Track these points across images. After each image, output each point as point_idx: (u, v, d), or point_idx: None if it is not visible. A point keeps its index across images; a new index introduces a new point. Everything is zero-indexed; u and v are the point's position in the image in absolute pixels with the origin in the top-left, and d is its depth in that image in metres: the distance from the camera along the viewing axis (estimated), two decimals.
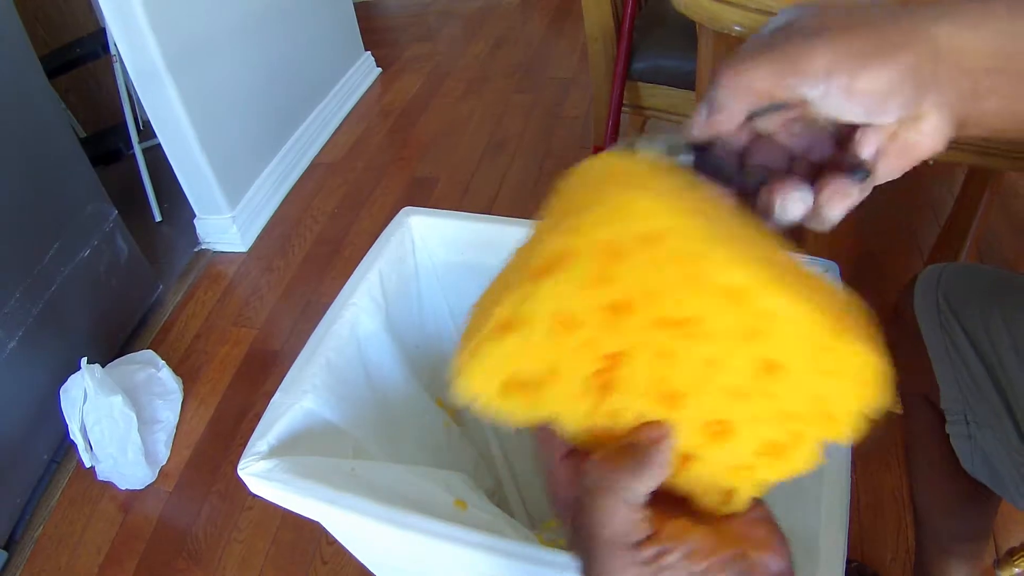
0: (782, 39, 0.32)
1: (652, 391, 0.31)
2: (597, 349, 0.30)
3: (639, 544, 0.30)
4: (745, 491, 0.34)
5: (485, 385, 0.31)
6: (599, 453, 0.33)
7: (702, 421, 0.32)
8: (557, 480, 0.35)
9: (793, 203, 0.33)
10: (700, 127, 0.34)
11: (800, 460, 0.33)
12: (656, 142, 0.34)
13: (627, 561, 0.30)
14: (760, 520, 0.35)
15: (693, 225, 0.28)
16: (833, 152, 0.35)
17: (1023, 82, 0.33)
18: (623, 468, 0.31)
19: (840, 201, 0.33)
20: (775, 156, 0.36)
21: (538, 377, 0.31)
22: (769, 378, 0.31)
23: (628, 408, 0.32)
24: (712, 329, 0.29)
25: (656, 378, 0.31)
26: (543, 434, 0.35)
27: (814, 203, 0.33)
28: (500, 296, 0.30)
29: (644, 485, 0.31)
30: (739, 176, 0.34)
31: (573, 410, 0.32)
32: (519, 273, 0.30)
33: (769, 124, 0.36)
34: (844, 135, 0.34)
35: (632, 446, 0.32)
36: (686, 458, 0.33)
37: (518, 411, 0.32)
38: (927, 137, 0.34)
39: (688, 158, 0.33)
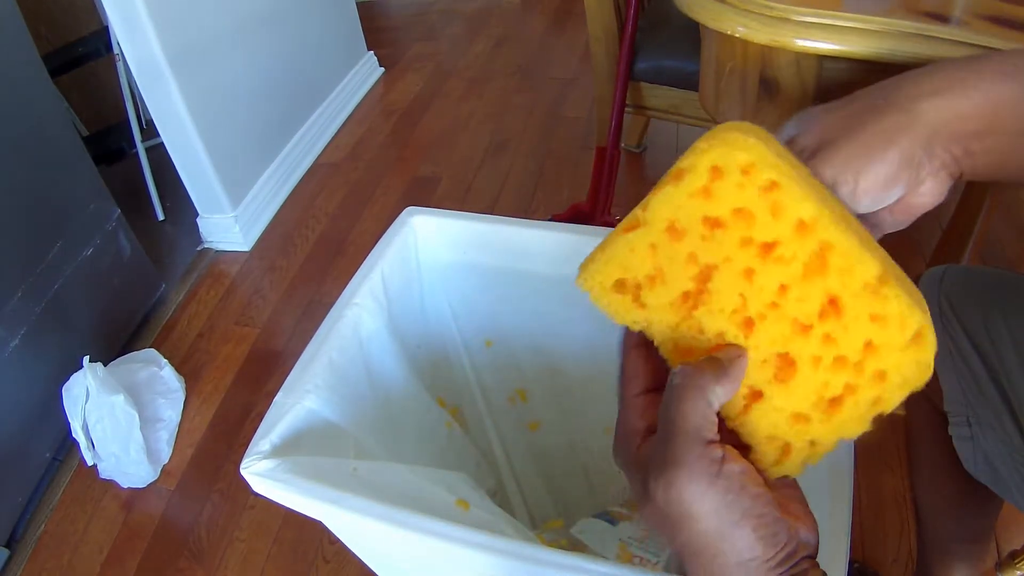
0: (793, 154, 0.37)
1: (732, 311, 0.36)
2: (695, 259, 0.36)
3: (710, 442, 0.33)
4: (799, 451, 0.36)
5: (602, 278, 0.37)
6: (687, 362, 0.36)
7: (770, 352, 0.36)
8: (633, 409, 0.37)
9: None
10: None
11: (851, 422, 0.36)
12: None
13: (698, 453, 0.32)
14: (797, 499, 0.37)
15: (781, 167, 0.34)
16: None
17: (1011, 138, 0.37)
18: (708, 371, 0.34)
19: None
20: None
21: (645, 277, 0.36)
22: (829, 316, 0.35)
23: (711, 325, 0.36)
24: (786, 254, 0.34)
25: (737, 297, 0.36)
26: (628, 369, 0.39)
27: None
28: (635, 209, 0.37)
29: (724, 389, 0.34)
30: None
31: (665, 319, 0.37)
32: (653, 191, 0.36)
33: None
34: None
35: (715, 358, 0.35)
36: (753, 395, 0.37)
37: (621, 309, 0.37)
38: (927, 197, 0.39)
39: None
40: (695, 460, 0.32)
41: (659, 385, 0.38)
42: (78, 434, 1.28)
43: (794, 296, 0.35)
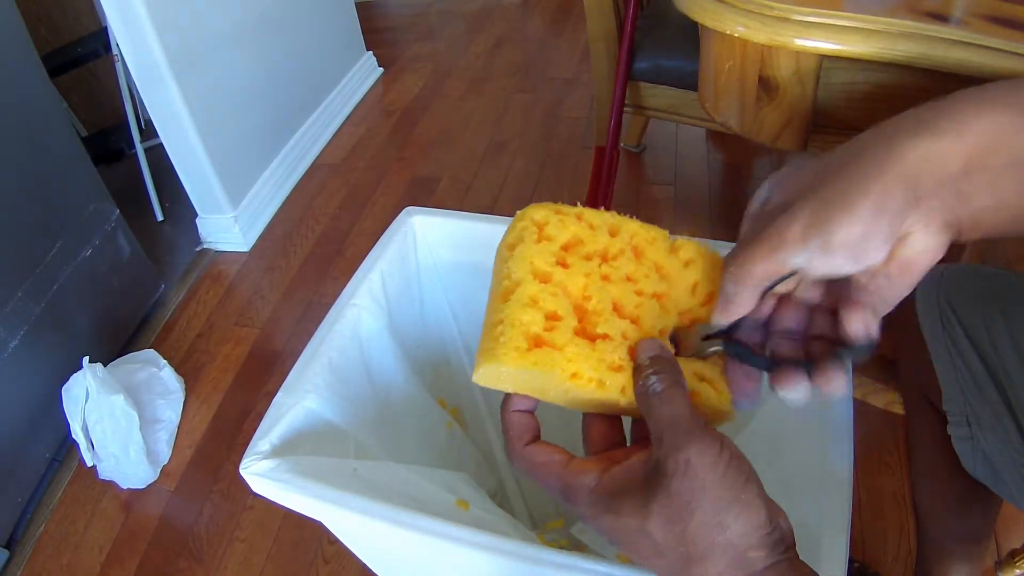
0: (764, 222, 0.36)
1: (616, 312, 0.42)
2: (566, 289, 0.41)
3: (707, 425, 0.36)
4: (705, 394, 0.42)
5: (515, 343, 0.39)
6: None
7: (658, 331, 0.42)
8: (578, 473, 0.39)
9: (795, 393, 0.38)
10: (720, 316, 0.39)
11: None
12: (695, 335, 0.43)
13: (704, 431, 0.35)
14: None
15: (576, 207, 0.45)
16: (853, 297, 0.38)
17: (1009, 175, 0.33)
18: (671, 369, 0.39)
19: (834, 384, 0.37)
20: (797, 315, 0.41)
21: (544, 326, 0.40)
22: (651, 274, 0.44)
23: (614, 331, 0.41)
24: (615, 253, 0.43)
25: (610, 300, 0.42)
26: (541, 455, 0.41)
27: (815, 388, 0.38)
28: (495, 288, 0.43)
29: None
30: (761, 359, 0.40)
31: (580, 349, 0.40)
32: (499, 271, 0.43)
33: (785, 287, 0.40)
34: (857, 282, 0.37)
35: (657, 357, 0.39)
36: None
37: (548, 358, 0.39)
38: (922, 253, 0.35)
39: (716, 348, 0.41)
40: (704, 434, 0.35)
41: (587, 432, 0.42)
42: (78, 435, 1.28)
43: (641, 276, 0.43)
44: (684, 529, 0.34)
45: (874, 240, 0.33)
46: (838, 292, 0.39)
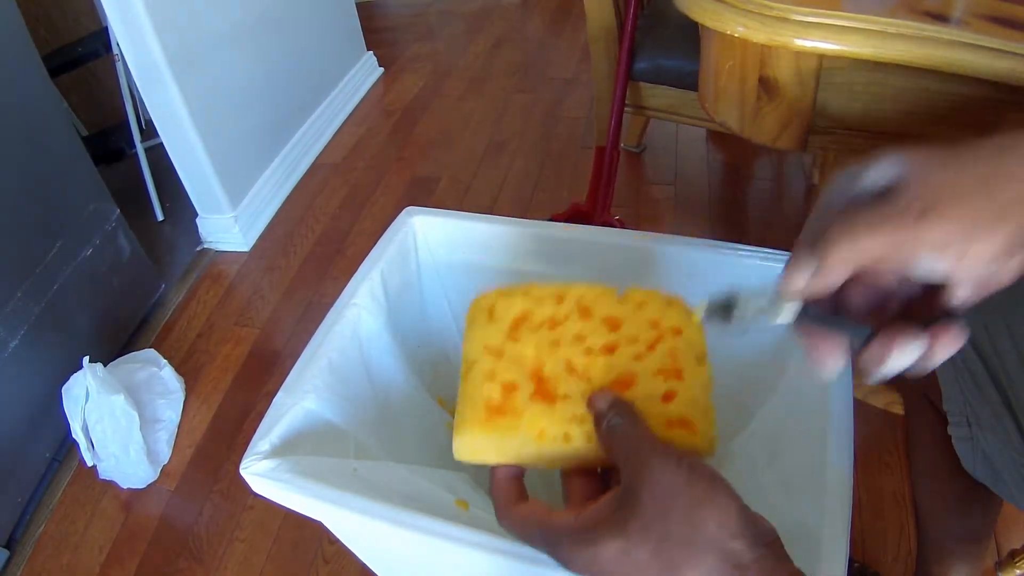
0: (895, 210, 0.34)
1: (570, 373, 0.45)
2: (519, 360, 0.45)
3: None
4: (679, 438, 0.42)
5: (476, 418, 0.43)
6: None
7: (610, 381, 0.44)
8: (560, 521, 0.40)
9: (908, 354, 0.37)
10: (803, 284, 0.37)
11: (695, 372, 0.44)
12: (757, 298, 0.41)
13: (665, 449, 0.37)
14: None
15: (527, 284, 0.49)
16: (921, 288, 0.38)
17: None
18: (627, 404, 0.42)
19: (949, 347, 0.37)
20: (868, 296, 0.40)
21: (501, 397, 0.43)
22: (616, 329, 0.46)
23: (572, 391, 0.44)
24: (561, 319, 0.47)
25: (564, 363, 0.45)
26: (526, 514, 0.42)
27: (927, 352, 0.37)
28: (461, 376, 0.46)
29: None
30: (847, 326, 0.38)
31: (539, 412, 0.43)
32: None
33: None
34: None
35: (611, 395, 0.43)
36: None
37: (509, 425, 0.43)
38: (1010, 273, 0.35)
39: (791, 313, 0.39)
40: (662, 450, 0.37)
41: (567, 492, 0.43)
42: (78, 434, 1.28)
43: (588, 333, 0.46)
44: (663, 534, 0.35)
45: (996, 262, 0.34)
46: (910, 288, 0.39)
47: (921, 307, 0.39)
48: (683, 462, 0.36)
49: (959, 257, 0.33)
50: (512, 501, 0.43)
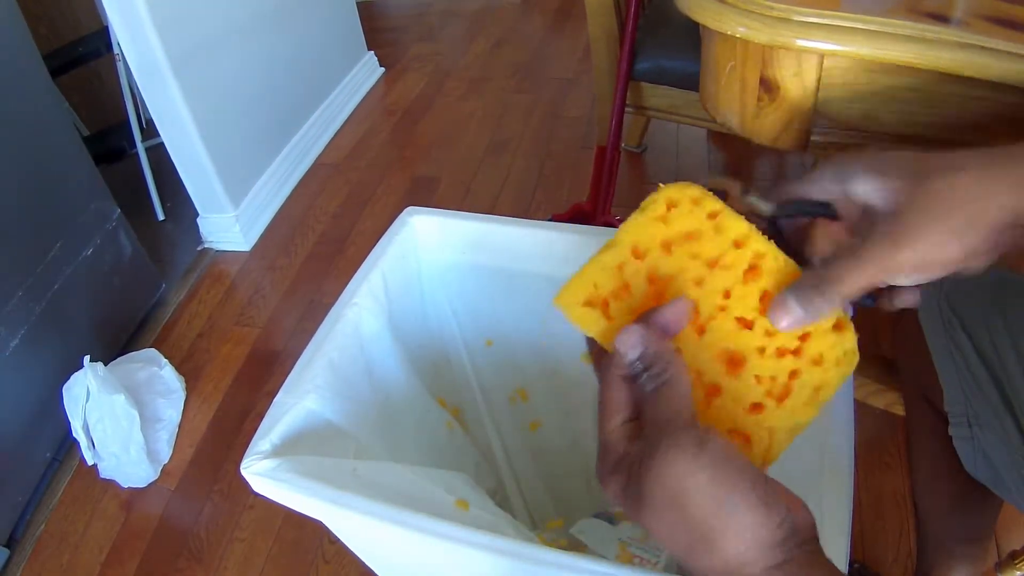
0: (874, 243, 0.38)
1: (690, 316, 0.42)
2: (655, 273, 0.42)
3: (689, 424, 0.36)
4: (758, 442, 0.41)
5: (575, 295, 0.42)
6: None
7: (721, 348, 0.42)
8: (618, 436, 0.38)
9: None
10: (787, 325, 0.41)
11: (801, 406, 0.41)
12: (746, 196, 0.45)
13: (680, 432, 0.35)
14: (780, 486, 0.37)
15: (717, 200, 0.43)
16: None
17: None
18: (674, 367, 0.39)
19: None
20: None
21: (612, 292, 0.42)
22: (766, 317, 0.42)
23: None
24: (727, 263, 0.42)
25: (692, 301, 0.42)
26: (612, 399, 0.40)
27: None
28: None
29: (687, 376, 0.39)
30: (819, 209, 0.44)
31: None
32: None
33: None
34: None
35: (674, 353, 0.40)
36: (711, 390, 0.42)
37: (590, 320, 0.42)
38: (968, 271, 0.39)
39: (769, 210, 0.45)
40: (678, 437, 0.35)
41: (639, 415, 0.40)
42: (78, 434, 1.28)
43: (737, 296, 0.42)
44: (675, 533, 0.34)
45: (957, 267, 0.38)
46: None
47: None
48: (701, 459, 0.34)
49: (926, 274, 0.38)
50: (618, 371, 0.41)
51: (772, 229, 0.44)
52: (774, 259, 0.42)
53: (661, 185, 0.44)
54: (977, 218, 0.37)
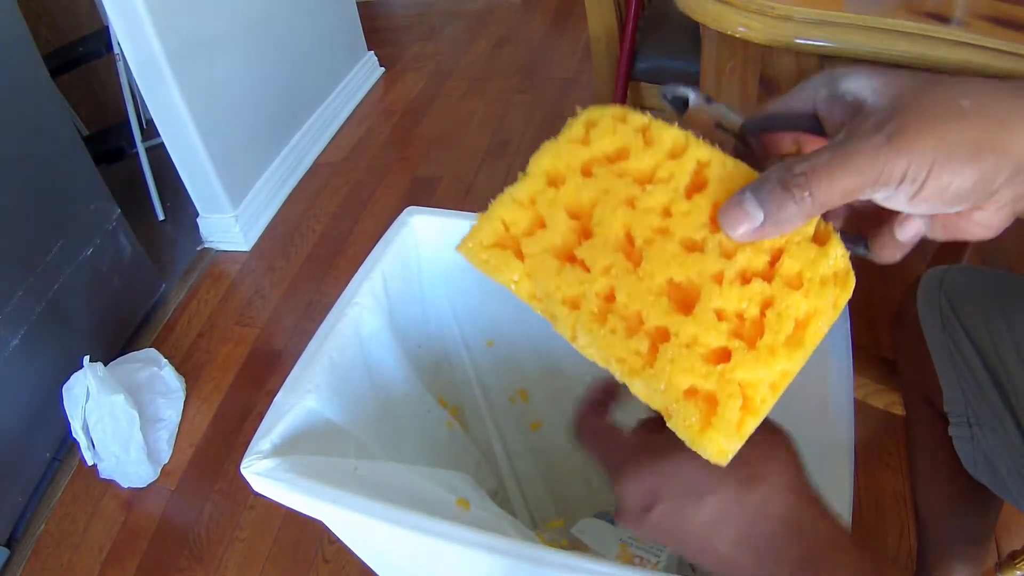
0: (862, 135, 0.30)
1: (617, 244, 0.34)
2: (575, 200, 0.35)
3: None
4: (728, 404, 0.31)
5: (481, 236, 0.36)
6: None
7: (664, 279, 0.33)
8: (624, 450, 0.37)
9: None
10: (764, 231, 0.32)
11: (782, 346, 0.31)
12: (711, 107, 0.37)
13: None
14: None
15: (647, 116, 0.36)
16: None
17: None
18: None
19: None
20: None
21: (525, 229, 0.36)
22: (721, 233, 0.32)
23: (598, 260, 0.34)
24: (663, 178, 0.34)
25: (620, 228, 0.34)
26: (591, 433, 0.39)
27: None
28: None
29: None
30: (794, 125, 0.36)
31: (547, 265, 0.35)
32: None
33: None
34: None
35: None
36: (657, 335, 0.33)
37: (500, 263, 0.35)
38: (980, 228, 0.33)
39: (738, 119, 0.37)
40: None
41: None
42: (78, 434, 1.28)
43: (680, 212, 0.33)
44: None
45: (958, 205, 0.31)
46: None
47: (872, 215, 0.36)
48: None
49: (920, 185, 0.30)
50: (590, 412, 0.40)
51: (742, 149, 0.37)
52: (721, 165, 0.34)
53: (579, 108, 0.37)
54: (998, 138, 0.29)
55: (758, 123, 0.36)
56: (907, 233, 0.33)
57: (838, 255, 0.32)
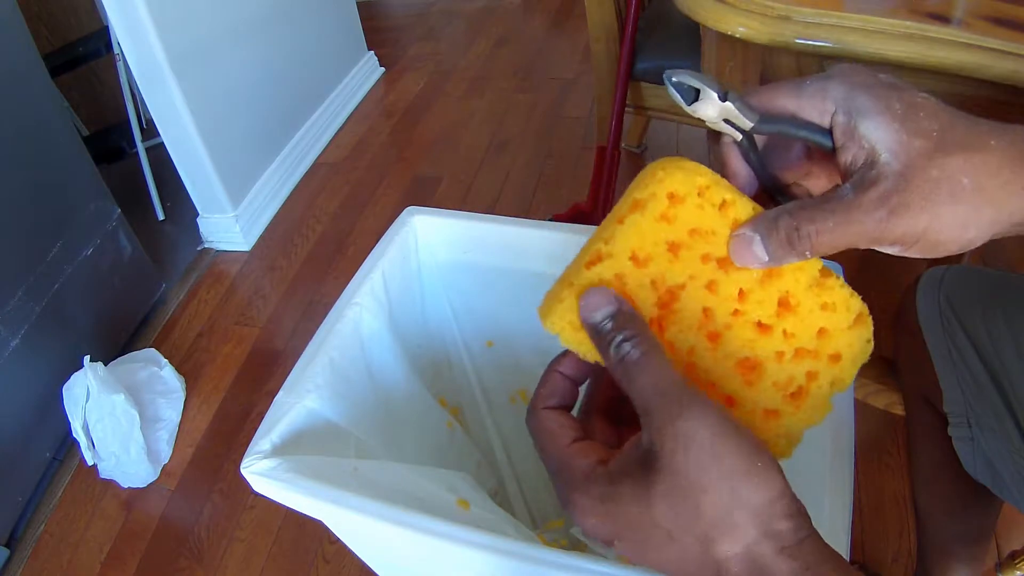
0: (871, 205, 0.33)
1: (699, 325, 0.38)
2: (661, 281, 0.37)
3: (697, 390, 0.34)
4: (774, 447, 0.38)
5: (573, 317, 0.37)
6: None
7: (738, 357, 0.38)
8: (576, 456, 0.36)
9: None
10: (751, 263, 0.37)
11: (817, 407, 0.39)
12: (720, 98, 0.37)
13: (697, 398, 0.33)
14: None
15: (728, 186, 0.38)
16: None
17: None
18: (647, 331, 0.36)
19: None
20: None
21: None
22: (785, 314, 0.38)
23: (681, 342, 0.38)
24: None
25: (701, 311, 0.38)
26: (550, 424, 0.38)
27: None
28: (592, 243, 0.38)
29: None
30: (806, 130, 0.37)
31: None
32: (607, 224, 0.38)
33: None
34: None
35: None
36: (726, 402, 0.38)
37: (589, 350, 0.37)
38: (952, 244, 0.35)
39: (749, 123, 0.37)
40: (698, 401, 0.32)
41: (587, 432, 0.38)
42: (78, 434, 1.28)
43: (754, 300, 0.38)
44: (696, 508, 0.31)
45: (951, 252, 0.35)
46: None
47: None
48: (726, 421, 0.31)
49: (905, 250, 0.35)
50: (550, 403, 0.39)
51: (748, 143, 0.38)
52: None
53: (660, 173, 0.37)
54: (986, 214, 0.33)
55: (770, 128, 0.37)
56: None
57: (867, 332, 0.39)
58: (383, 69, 2.63)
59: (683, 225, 0.37)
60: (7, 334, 1.25)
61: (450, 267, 0.80)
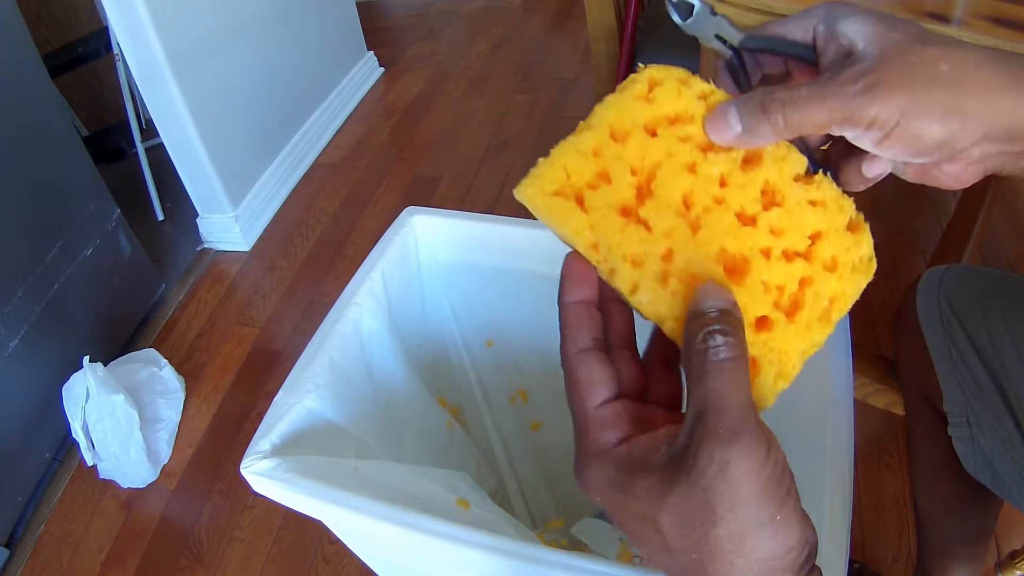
0: (844, 82, 0.33)
1: (678, 209, 0.36)
2: (639, 158, 0.36)
3: (759, 421, 0.32)
4: (767, 369, 0.35)
5: (544, 183, 0.36)
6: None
7: (719, 248, 0.36)
8: (600, 423, 0.34)
9: None
10: (737, 140, 0.36)
11: (815, 323, 0.36)
12: (718, 25, 0.39)
13: (753, 428, 0.30)
14: None
15: (710, 86, 0.37)
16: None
17: None
18: (745, 342, 0.34)
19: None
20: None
21: (588, 181, 0.36)
22: (772, 206, 0.36)
23: (659, 223, 0.36)
24: (723, 147, 0.36)
25: (680, 194, 0.36)
26: (583, 376, 0.35)
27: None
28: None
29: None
30: (792, 50, 0.38)
31: (611, 222, 0.36)
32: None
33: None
34: None
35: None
36: None
37: (564, 213, 0.36)
38: (948, 179, 0.35)
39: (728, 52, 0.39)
40: (752, 434, 0.29)
41: (626, 392, 0.35)
42: (78, 434, 1.28)
43: (736, 184, 0.36)
44: (703, 537, 0.29)
45: (922, 158, 0.34)
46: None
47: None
48: (768, 462, 0.29)
49: (887, 133, 0.33)
50: (580, 345, 0.35)
51: (736, 64, 0.39)
52: (777, 146, 0.37)
53: (641, 65, 0.38)
54: (969, 105, 0.32)
55: (756, 43, 0.39)
56: (873, 171, 0.37)
57: (866, 243, 0.36)
58: (383, 69, 2.63)
59: (663, 108, 0.37)
60: (7, 334, 1.25)
61: (449, 267, 0.80)
